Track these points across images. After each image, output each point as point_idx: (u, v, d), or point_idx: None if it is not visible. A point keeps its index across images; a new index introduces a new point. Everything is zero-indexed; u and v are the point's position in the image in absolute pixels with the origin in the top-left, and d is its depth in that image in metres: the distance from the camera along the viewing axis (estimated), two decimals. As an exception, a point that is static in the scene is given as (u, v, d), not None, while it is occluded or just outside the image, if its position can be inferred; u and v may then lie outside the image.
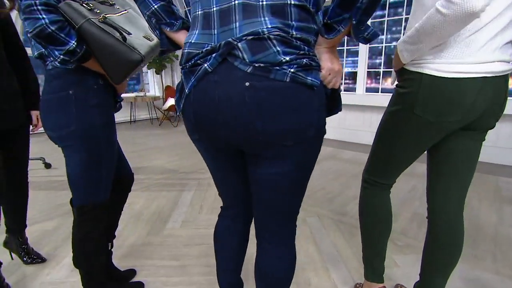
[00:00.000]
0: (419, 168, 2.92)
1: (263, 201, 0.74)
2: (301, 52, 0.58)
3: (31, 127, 1.29)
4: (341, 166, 2.88)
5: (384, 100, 3.24)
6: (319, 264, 1.36)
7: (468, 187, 0.91)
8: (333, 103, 0.73)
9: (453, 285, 1.22)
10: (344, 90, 4.24)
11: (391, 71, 0.98)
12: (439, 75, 0.74)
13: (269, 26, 0.56)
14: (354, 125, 3.60)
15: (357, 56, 3.57)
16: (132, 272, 1.27)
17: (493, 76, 0.73)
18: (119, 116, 5.54)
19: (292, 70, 0.57)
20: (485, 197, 2.13)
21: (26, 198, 1.32)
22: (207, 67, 0.60)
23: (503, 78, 0.76)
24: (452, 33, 0.68)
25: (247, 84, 0.57)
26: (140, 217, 1.85)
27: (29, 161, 1.33)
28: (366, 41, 0.65)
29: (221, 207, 0.91)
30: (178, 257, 1.41)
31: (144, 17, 0.76)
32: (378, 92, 3.51)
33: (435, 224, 0.95)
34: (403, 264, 1.36)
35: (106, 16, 0.83)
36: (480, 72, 0.72)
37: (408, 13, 3.05)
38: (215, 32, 0.61)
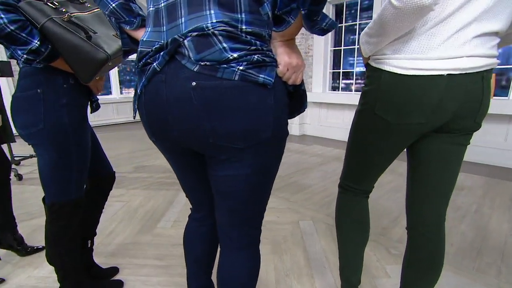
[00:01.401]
0: None
1: (221, 205, 0.71)
2: (252, 47, 0.54)
3: None
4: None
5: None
6: (304, 271, 1.31)
7: (449, 196, 0.82)
8: (296, 102, 0.68)
9: (447, 300, 1.13)
10: (355, 90, 4.11)
11: None
12: (398, 72, 0.68)
13: (214, 21, 0.53)
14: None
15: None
16: (114, 270, 1.27)
17: (462, 74, 0.65)
18: (128, 116, 5.69)
19: (241, 67, 0.53)
20: (499, 205, 1.97)
21: (3, 198, 1.34)
22: (156, 66, 0.57)
23: (478, 76, 0.67)
24: (406, 26, 0.62)
25: (193, 83, 0.54)
26: (135, 215, 1.87)
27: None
28: (323, 32, 0.59)
29: (190, 209, 0.89)
30: (162, 257, 1.40)
31: (106, 17, 0.76)
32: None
33: (413, 236, 0.87)
34: (394, 274, 1.28)
35: (72, 15, 0.83)
36: (444, 69, 0.64)
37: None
38: (164, 29, 0.58)
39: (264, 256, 1.41)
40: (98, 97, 1.06)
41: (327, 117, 4.31)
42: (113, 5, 0.68)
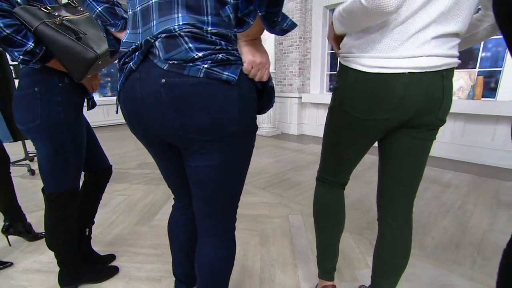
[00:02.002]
0: None
1: (196, 195, 0.76)
2: (217, 47, 0.59)
3: None
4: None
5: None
6: (289, 261, 1.39)
7: (415, 189, 0.87)
8: (265, 98, 0.73)
9: (419, 289, 1.20)
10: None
11: None
12: (363, 70, 0.73)
13: (181, 23, 0.58)
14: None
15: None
16: (111, 257, 1.38)
17: (422, 72, 0.69)
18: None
19: (205, 65, 0.58)
20: (482, 202, 2.02)
21: (7, 190, 1.44)
22: (132, 65, 0.63)
23: (438, 74, 0.71)
24: (370, 22, 0.67)
25: (163, 81, 0.59)
26: (134, 207, 1.98)
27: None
28: (283, 32, 0.61)
29: (173, 198, 0.96)
30: (157, 246, 1.50)
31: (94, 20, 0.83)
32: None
33: (382, 227, 0.93)
34: (373, 265, 1.35)
35: (64, 18, 0.91)
36: (405, 68, 0.69)
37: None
38: (140, 31, 0.64)
39: (252, 247, 1.50)
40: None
41: (324, 117, 4.36)
42: (99, 9, 0.76)
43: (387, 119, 0.75)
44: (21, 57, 0.86)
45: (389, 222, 0.91)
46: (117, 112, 0.78)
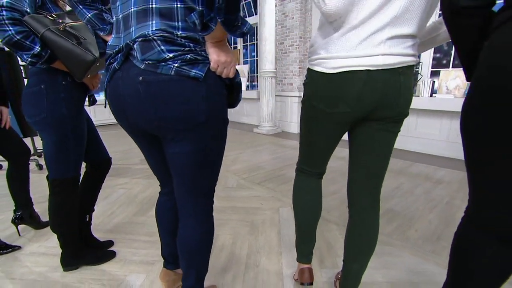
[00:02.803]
0: (413, 167, 2.86)
1: (175, 179, 0.85)
2: (186, 49, 0.67)
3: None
4: (335, 163, 2.91)
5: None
6: (274, 249, 1.48)
7: (381, 177, 0.94)
8: (234, 93, 0.82)
9: (398, 275, 1.27)
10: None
11: None
12: (325, 71, 0.80)
13: (154, 29, 0.66)
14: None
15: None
16: (109, 243, 1.49)
17: (378, 69, 0.76)
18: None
19: (176, 64, 0.66)
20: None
21: (22, 178, 1.57)
22: (115, 65, 0.73)
23: (395, 71, 0.77)
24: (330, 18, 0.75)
25: (140, 78, 0.68)
26: (134, 200, 2.09)
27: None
28: (243, 35, 0.69)
29: (159, 185, 1.05)
30: (152, 234, 1.61)
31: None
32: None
33: (351, 214, 1.00)
34: (353, 253, 1.43)
35: (67, 25, 1.02)
36: (363, 65, 0.76)
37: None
38: (122, 36, 0.73)
39: (241, 236, 1.59)
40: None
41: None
42: (89, 15, 0.86)
43: (348, 112, 0.83)
44: (29, 59, 0.97)
45: (356, 208, 0.98)
46: (105, 107, 0.88)
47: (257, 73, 5.56)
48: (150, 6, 0.66)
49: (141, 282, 1.23)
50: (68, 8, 1.15)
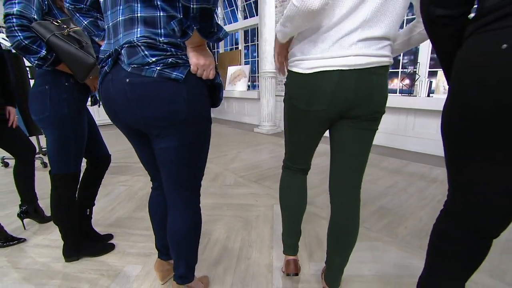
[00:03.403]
0: (409, 167, 2.89)
1: (162, 173, 0.91)
2: (168, 53, 0.74)
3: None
4: (327, 162, 2.96)
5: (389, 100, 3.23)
6: (266, 244, 1.53)
7: (360, 173, 0.98)
8: (216, 93, 0.88)
9: (384, 268, 1.32)
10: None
11: (398, 71, 1.02)
12: (301, 72, 0.86)
13: (138, 36, 0.73)
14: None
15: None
16: (109, 236, 1.56)
17: (351, 69, 0.81)
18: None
19: (158, 68, 0.73)
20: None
21: (27, 174, 1.66)
22: (106, 68, 0.80)
23: (367, 71, 0.81)
24: (303, 24, 0.78)
25: (127, 80, 0.75)
26: (134, 196, 2.17)
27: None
28: (219, 40, 0.75)
29: (150, 180, 1.10)
30: (149, 228, 1.67)
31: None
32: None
33: (332, 207, 1.04)
34: (342, 248, 1.48)
35: (70, 30, 1.10)
36: (335, 66, 0.80)
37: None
38: (112, 42, 0.80)
39: (235, 231, 1.65)
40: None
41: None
42: (85, 22, 0.94)
43: (324, 109, 0.88)
44: (36, 62, 1.05)
45: (336, 202, 1.02)
46: (99, 106, 0.95)
47: (258, 74, 5.62)
48: (136, 15, 0.73)
49: (137, 272, 1.30)
50: None
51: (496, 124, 0.58)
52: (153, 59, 0.73)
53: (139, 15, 0.73)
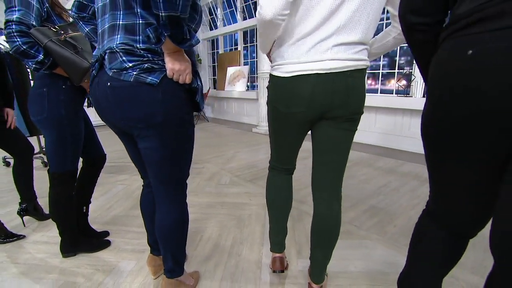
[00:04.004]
0: (403, 167, 2.92)
1: (148, 171, 0.95)
2: (145, 59, 0.78)
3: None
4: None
5: (382, 100, 3.28)
6: (256, 241, 1.58)
7: (340, 171, 1.01)
8: (197, 97, 0.92)
9: (370, 265, 1.36)
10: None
11: (394, 72, 1.05)
12: (281, 75, 0.90)
13: (118, 43, 0.78)
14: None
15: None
16: (105, 233, 1.61)
17: (327, 73, 0.84)
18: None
19: (135, 73, 0.77)
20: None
21: (26, 173, 1.71)
22: (94, 72, 0.86)
23: (342, 74, 0.85)
24: (268, 34, 0.86)
25: (108, 84, 0.81)
26: (132, 195, 2.22)
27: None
28: (191, 46, 0.80)
29: (141, 177, 1.15)
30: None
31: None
32: (377, 93, 3.53)
33: (314, 205, 1.07)
34: (336, 247, 1.51)
35: (67, 35, 1.15)
36: (312, 70, 0.85)
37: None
38: (100, 47, 0.86)
39: (227, 229, 1.70)
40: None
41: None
42: (87, 29, 0.99)
43: (303, 111, 0.91)
44: (34, 65, 1.11)
45: (317, 198, 1.05)
46: (89, 107, 0.99)
47: (256, 74, 5.66)
48: (118, 22, 0.79)
49: (131, 267, 1.35)
50: (71, 19, 1.27)
51: (466, 129, 0.59)
52: (130, 64, 0.78)
53: (120, 22, 0.79)
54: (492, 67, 0.50)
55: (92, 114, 1.54)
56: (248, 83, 5.73)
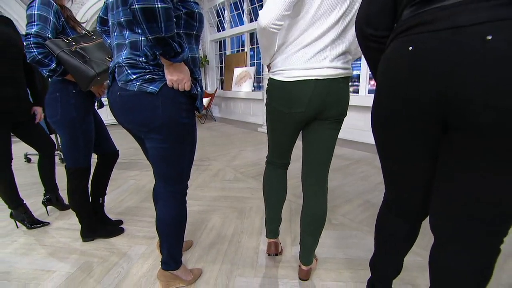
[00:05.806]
0: None
1: (153, 168, 1.08)
2: (147, 71, 0.90)
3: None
4: (333, 160, 3.10)
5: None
6: (256, 231, 1.72)
7: (327, 165, 1.14)
8: (197, 102, 1.03)
9: (357, 253, 1.49)
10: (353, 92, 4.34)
11: None
12: (284, 80, 1.02)
13: (124, 58, 0.91)
14: (357, 125, 3.74)
15: (360, 60, 3.68)
16: (119, 222, 1.79)
17: (324, 79, 0.97)
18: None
19: (138, 83, 0.89)
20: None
21: (50, 166, 1.91)
22: (109, 82, 1.01)
23: (336, 81, 0.99)
24: (263, 42, 0.99)
25: (118, 93, 0.94)
26: (142, 189, 2.40)
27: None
28: (183, 59, 0.87)
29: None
30: (155, 216, 1.89)
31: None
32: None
33: (303, 194, 1.20)
34: (328, 237, 1.64)
35: (77, 47, 1.30)
36: (312, 76, 0.98)
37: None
38: (113, 60, 1.00)
39: (229, 219, 1.86)
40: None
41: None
42: (109, 41, 1.15)
43: (302, 111, 1.04)
44: (47, 73, 1.27)
45: (307, 191, 1.18)
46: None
47: (263, 75, 5.79)
48: (125, 40, 0.93)
49: (142, 251, 1.52)
50: (83, 32, 1.44)
51: (403, 119, 0.69)
52: (134, 76, 0.90)
53: (127, 41, 0.92)
54: (426, 55, 0.62)
55: (104, 114, 1.72)
56: (255, 84, 5.87)
